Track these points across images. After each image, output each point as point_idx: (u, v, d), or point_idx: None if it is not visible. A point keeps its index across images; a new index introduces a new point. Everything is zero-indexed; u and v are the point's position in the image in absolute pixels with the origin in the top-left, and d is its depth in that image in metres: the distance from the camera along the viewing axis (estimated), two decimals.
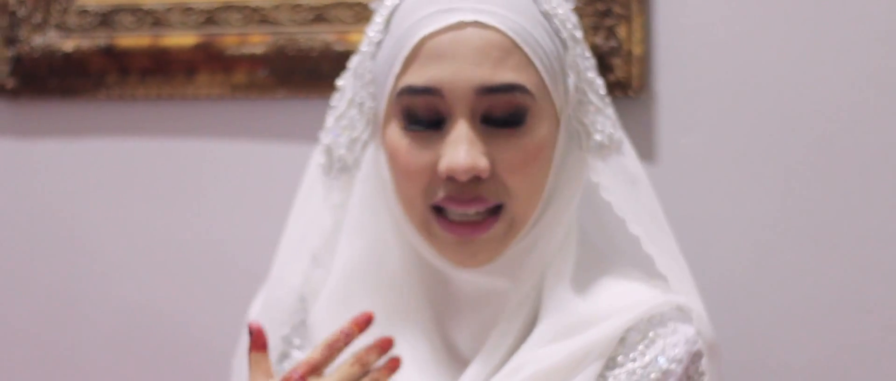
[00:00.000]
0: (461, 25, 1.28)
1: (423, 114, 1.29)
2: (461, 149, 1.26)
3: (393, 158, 1.31)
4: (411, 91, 1.29)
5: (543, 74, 1.30)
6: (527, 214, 1.31)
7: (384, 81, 1.32)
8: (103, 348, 1.86)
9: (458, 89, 1.27)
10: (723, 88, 1.61)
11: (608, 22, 1.62)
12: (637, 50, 1.61)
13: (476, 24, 1.28)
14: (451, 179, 1.27)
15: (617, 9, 1.61)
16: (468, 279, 1.33)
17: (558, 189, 1.34)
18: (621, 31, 1.62)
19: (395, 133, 1.31)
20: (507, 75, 1.28)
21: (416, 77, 1.28)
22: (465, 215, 1.29)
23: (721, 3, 1.61)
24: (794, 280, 1.60)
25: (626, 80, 1.61)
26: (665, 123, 1.63)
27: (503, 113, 1.28)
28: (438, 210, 1.30)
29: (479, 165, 1.26)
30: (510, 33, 1.29)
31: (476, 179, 1.27)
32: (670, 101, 1.63)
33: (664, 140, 1.63)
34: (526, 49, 1.29)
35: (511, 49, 1.29)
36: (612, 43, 1.62)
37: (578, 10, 1.61)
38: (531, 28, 1.31)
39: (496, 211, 1.29)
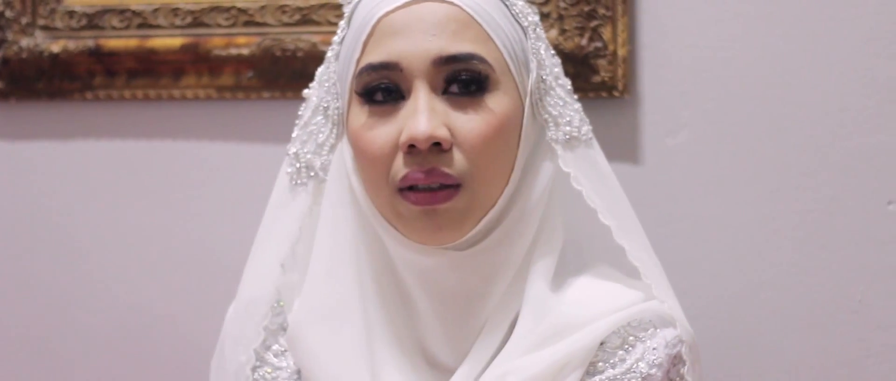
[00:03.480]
0: (417, 1, 1.29)
1: (382, 91, 1.29)
2: (421, 117, 1.26)
3: (355, 142, 1.31)
4: (370, 68, 1.29)
5: (503, 52, 1.30)
6: (489, 193, 1.30)
7: (346, 72, 1.33)
8: (93, 348, 1.86)
9: (416, 61, 1.27)
10: (708, 88, 1.61)
11: (593, 23, 1.62)
12: (622, 51, 1.61)
13: None
14: (411, 149, 1.26)
15: (601, 10, 1.62)
16: (441, 281, 1.31)
17: (527, 178, 1.33)
18: (606, 33, 1.62)
19: (357, 116, 1.31)
20: (464, 46, 1.28)
21: (374, 55, 1.29)
22: (428, 187, 1.27)
23: (705, 3, 1.61)
24: (780, 281, 1.61)
25: (611, 81, 1.61)
26: (650, 124, 1.63)
27: (464, 78, 1.28)
28: (403, 192, 1.29)
29: (439, 133, 1.25)
30: (467, 9, 1.29)
31: (437, 150, 1.26)
32: (655, 102, 1.63)
33: (649, 141, 1.63)
34: (484, 25, 1.30)
35: (468, 22, 1.29)
36: (597, 44, 1.62)
37: (563, 12, 1.62)
38: (488, 8, 1.31)
39: (457, 188, 1.28)
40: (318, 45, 1.71)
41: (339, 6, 1.70)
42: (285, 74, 1.74)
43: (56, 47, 1.82)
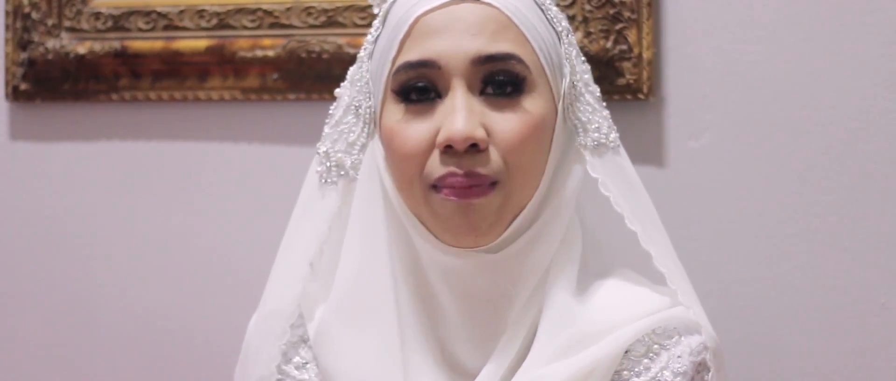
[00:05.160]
0: (456, 2, 1.29)
1: (419, 90, 1.29)
2: (459, 117, 1.26)
3: (389, 140, 1.31)
4: (408, 66, 1.29)
5: (539, 54, 1.31)
6: (523, 194, 1.30)
7: (381, 71, 1.33)
8: (113, 347, 1.87)
9: (455, 60, 1.27)
10: (732, 91, 1.61)
11: (618, 26, 1.62)
12: (647, 54, 1.62)
13: (471, 0, 1.29)
14: (448, 149, 1.26)
15: (626, 13, 1.62)
16: (470, 283, 1.31)
17: (557, 182, 1.34)
18: (631, 35, 1.62)
19: (392, 114, 1.31)
20: (503, 46, 1.28)
21: (412, 53, 1.29)
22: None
23: (730, 6, 1.61)
24: (803, 283, 1.61)
25: (636, 83, 1.62)
26: (674, 127, 1.64)
27: (501, 79, 1.28)
28: (437, 190, 1.29)
29: (477, 135, 1.26)
30: (506, 11, 1.30)
31: (473, 151, 1.26)
32: (680, 104, 1.63)
33: (674, 143, 1.64)
34: (522, 28, 1.30)
35: (507, 24, 1.29)
36: (622, 47, 1.62)
37: (588, 15, 1.62)
38: (526, 11, 1.32)
39: (493, 186, 1.28)
40: (343, 46, 1.72)
41: (366, 8, 1.71)
42: (310, 75, 1.74)
43: (82, 49, 1.83)
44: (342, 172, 1.38)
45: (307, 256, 1.38)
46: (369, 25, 1.69)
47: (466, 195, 1.27)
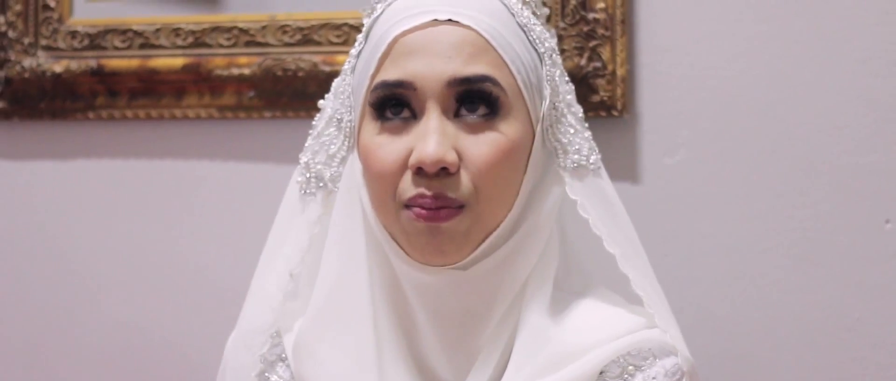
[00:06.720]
0: (435, 23, 1.29)
1: (395, 109, 1.29)
2: (431, 140, 1.26)
3: (365, 157, 1.31)
4: (384, 86, 1.29)
5: (517, 78, 1.30)
6: (493, 216, 1.30)
7: (360, 86, 1.33)
8: (91, 365, 1.86)
9: (430, 82, 1.27)
10: (706, 108, 1.62)
11: (592, 43, 1.63)
12: (621, 71, 1.62)
13: (450, 22, 1.29)
14: (419, 171, 1.27)
15: (600, 30, 1.62)
16: (442, 299, 1.31)
17: (533, 203, 1.33)
18: (605, 53, 1.62)
19: (368, 131, 1.31)
20: (478, 68, 1.28)
21: (390, 73, 1.29)
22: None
23: (703, 23, 1.61)
24: (777, 299, 1.61)
25: (610, 100, 1.62)
26: (649, 143, 1.64)
27: (476, 100, 1.28)
28: (408, 207, 1.29)
29: (448, 158, 1.26)
30: (484, 34, 1.29)
31: (444, 174, 1.27)
32: (654, 121, 1.64)
33: (648, 160, 1.64)
34: (500, 51, 1.30)
35: (485, 48, 1.29)
36: (596, 64, 1.63)
37: (562, 32, 1.63)
38: (506, 33, 1.31)
39: (461, 208, 1.28)
40: (318, 64, 1.72)
41: (341, 26, 1.72)
42: (286, 93, 1.75)
43: (58, 67, 1.83)
44: (321, 184, 1.38)
45: (288, 266, 1.39)
46: (344, 43, 1.71)
47: (434, 218, 1.27)
